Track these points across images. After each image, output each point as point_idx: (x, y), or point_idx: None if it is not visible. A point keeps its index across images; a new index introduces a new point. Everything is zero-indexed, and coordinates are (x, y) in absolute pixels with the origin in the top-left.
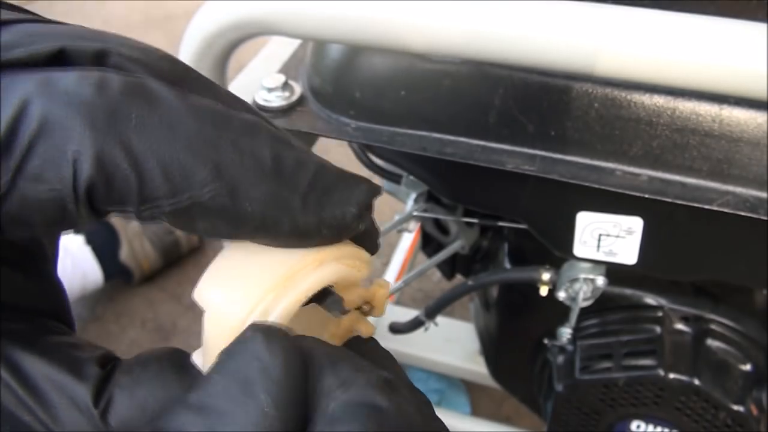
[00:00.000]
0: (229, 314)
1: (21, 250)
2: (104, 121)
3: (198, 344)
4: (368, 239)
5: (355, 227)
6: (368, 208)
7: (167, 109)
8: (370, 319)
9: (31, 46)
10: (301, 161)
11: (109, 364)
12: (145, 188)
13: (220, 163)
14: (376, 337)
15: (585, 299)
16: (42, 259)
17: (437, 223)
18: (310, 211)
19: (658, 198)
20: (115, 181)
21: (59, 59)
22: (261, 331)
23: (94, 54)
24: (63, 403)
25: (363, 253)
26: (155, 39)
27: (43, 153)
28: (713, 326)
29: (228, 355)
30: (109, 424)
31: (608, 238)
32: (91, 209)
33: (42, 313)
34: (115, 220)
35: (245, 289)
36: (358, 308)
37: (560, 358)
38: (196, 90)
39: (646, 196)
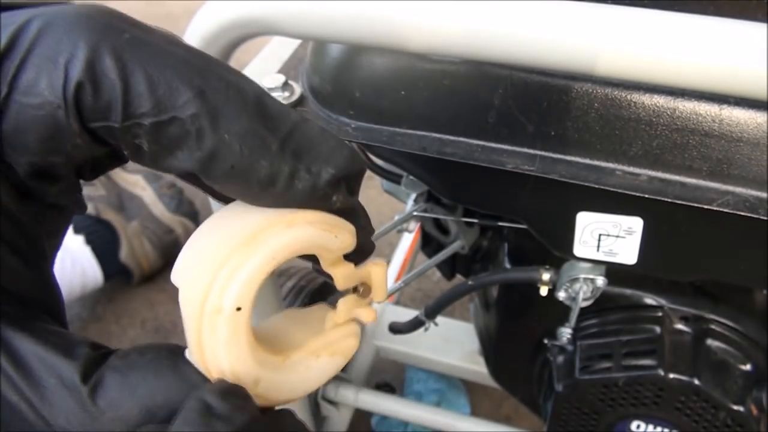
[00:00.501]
0: (191, 295)
1: (26, 237)
2: (99, 31)
3: None
4: (352, 217)
5: (328, 193)
6: (349, 180)
7: (160, 36)
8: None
9: None
10: (283, 109)
11: (101, 349)
12: (130, 100)
13: (204, 89)
14: (376, 337)
15: (585, 299)
16: (41, 256)
17: (437, 223)
18: (287, 158)
19: (658, 198)
20: (102, 89)
21: None
22: (197, 411)
23: None
24: (51, 381)
25: (343, 222)
26: None
27: (37, 62)
28: (713, 326)
29: None
30: (97, 404)
31: (608, 238)
32: (81, 126)
33: (37, 305)
34: (115, 220)
35: (203, 264)
36: (355, 290)
37: (560, 358)
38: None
39: (646, 196)
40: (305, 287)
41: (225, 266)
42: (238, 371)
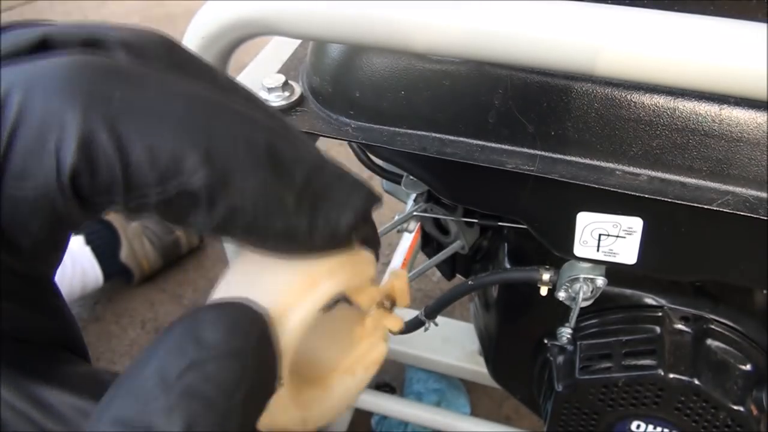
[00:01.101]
0: None
1: (26, 283)
2: (85, 104)
3: None
4: (368, 243)
5: (348, 237)
6: (365, 217)
7: (155, 92)
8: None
9: (14, 39)
10: (298, 155)
11: None
12: (131, 174)
13: (210, 149)
14: None
15: (585, 299)
16: (49, 292)
17: (437, 223)
18: (304, 211)
19: (658, 198)
20: (99, 169)
21: (45, 49)
22: None
23: (80, 41)
24: None
25: (363, 256)
26: None
27: (24, 147)
28: (713, 326)
29: None
30: None
31: (608, 238)
32: (81, 204)
33: (57, 343)
34: (115, 220)
35: None
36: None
37: (560, 358)
38: (193, 74)
39: (646, 196)
40: None
41: None
42: (284, 423)
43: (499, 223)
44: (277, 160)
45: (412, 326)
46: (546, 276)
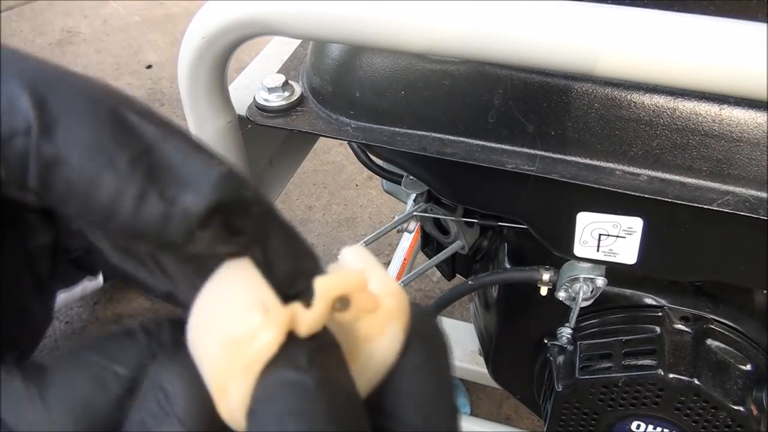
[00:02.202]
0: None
1: None
2: None
3: None
4: (268, 267)
5: (189, 228)
6: (229, 212)
7: (14, 50)
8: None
9: None
10: (144, 125)
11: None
12: None
13: (47, 95)
14: None
15: (585, 299)
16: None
17: (437, 223)
18: (135, 178)
19: (658, 198)
20: None
21: None
22: None
23: None
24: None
25: (283, 311)
26: (155, 39)
27: None
28: (713, 326)
29: None
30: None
31: (608, 238)
32: None
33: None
34: None
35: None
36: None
37: (560, 358)
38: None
39: (646, 196)
40: None
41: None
42: None
43: (499, 223)
44: (118, 122)
45: None
46: (546, 276)
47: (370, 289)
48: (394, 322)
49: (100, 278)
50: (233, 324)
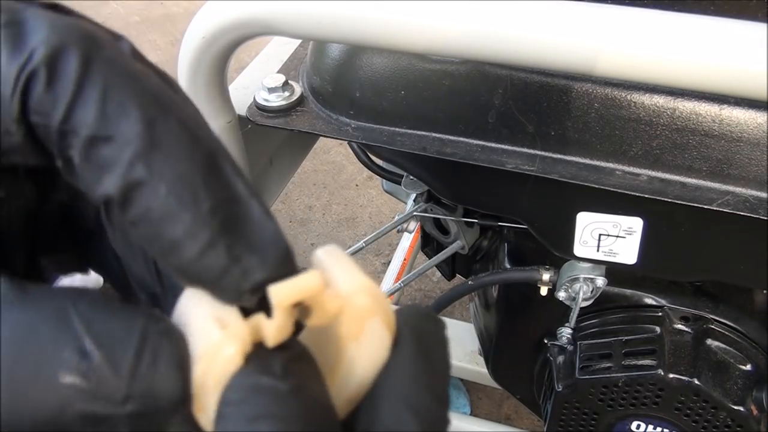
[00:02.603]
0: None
1: None
2: (80, 36)
3: None
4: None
5: (243, 291)
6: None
7: (142, 69)
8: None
9: None
10: (236, 178)
11: None
12: (75, 103)
13: (156, 122)
14: None
15: (585, 299)
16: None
17: (437, 223)
18: (212, 224)
19: (658, 198)
20: (56, 83)
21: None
22: None
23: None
24: None
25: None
26: (155, 39)
27: (7, 35)
28: (713, 326)
29: None
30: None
31: (608, 238)
32: (21, 111)
33: None
34: None
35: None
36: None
37: (560, 358)
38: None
39: (646, 196)
40: None
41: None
42: None
43: (499, 223)
44: (212, 166)
45: None
46: (546, 276)
47: (341, 288)
48: (372, 320)
49: (101, 278)
50: (196, 343)
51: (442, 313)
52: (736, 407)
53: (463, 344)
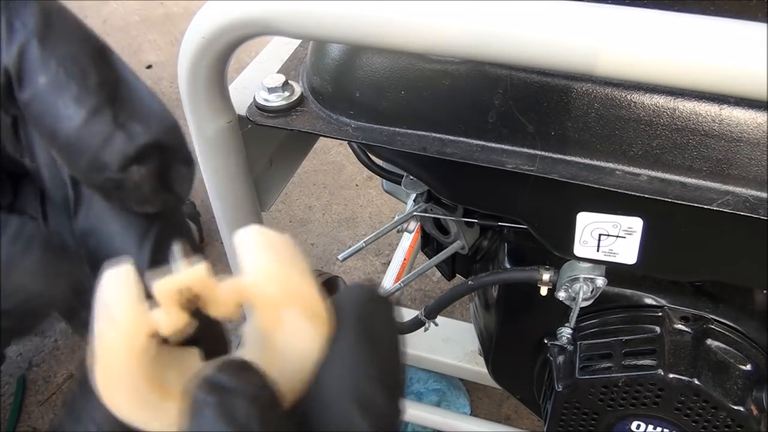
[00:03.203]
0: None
1: None
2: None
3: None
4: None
5: (128, 156)
6: (161, 157)
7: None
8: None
9: None
10: (124, 66)
11: None
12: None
13: (51, 12)
14: None
15: (585, 299)
16: None
17: (437, 223)
18: (100, 96)
19: (658, 198)
20: None
21: None
22: None
23: None
24: None
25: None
26: (155, 39)
27: None
28: (713, 326)
29: None
30: None
31: (608, 238)
32: None
33: None
34: None
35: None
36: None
37: (560, 358)
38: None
39: (646, 196)
40: None
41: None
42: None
43: (499, 223)
44: (101, 55)
45: (412, 326)
46: (546, 276)
47: (247, 278)
48: (287, 310)
49: None
50: (99, 335)
51: (443, 313)
52: (736, 407)
53: (463, 344)
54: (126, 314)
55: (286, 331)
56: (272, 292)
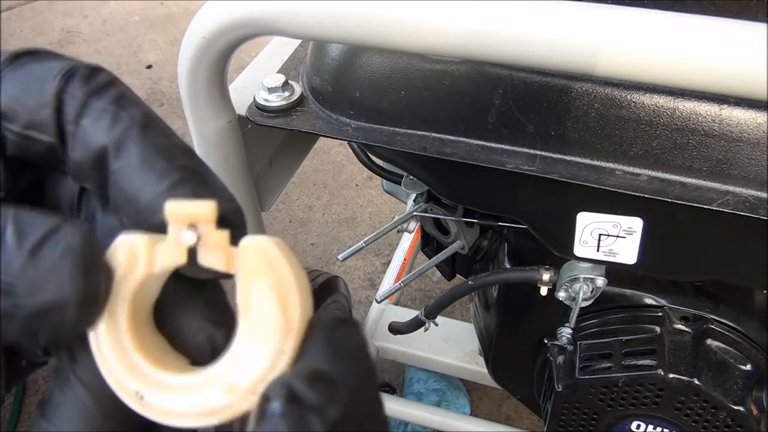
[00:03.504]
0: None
1: None
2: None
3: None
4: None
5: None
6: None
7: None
8: None
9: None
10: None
11: None
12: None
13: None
14: (376, 337)
15: (585, 299)
16: None
17: (437, 223)
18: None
19: (658, 198)
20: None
21: None
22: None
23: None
24: None
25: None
26: (155, 39)
27: None
28: (713, 326)
29: None
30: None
31: (608, 238)
32: None
33: None
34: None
35: None
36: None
37: (560, 358)
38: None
39: (646, 196)
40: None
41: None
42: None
43: (499, 223)
44: (187, 150)
45: (412, 326)
46: (546, 276)
47: (242, 242)
48: (257, 281)
49: None
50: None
51: (443, 313)
52: (736, 407)
53: (463, 344)
54: (129, 240)
55: (252, 301)
56: (251, 261)
